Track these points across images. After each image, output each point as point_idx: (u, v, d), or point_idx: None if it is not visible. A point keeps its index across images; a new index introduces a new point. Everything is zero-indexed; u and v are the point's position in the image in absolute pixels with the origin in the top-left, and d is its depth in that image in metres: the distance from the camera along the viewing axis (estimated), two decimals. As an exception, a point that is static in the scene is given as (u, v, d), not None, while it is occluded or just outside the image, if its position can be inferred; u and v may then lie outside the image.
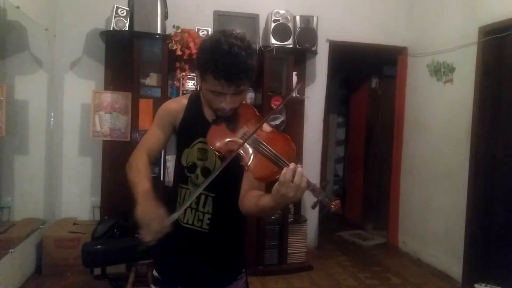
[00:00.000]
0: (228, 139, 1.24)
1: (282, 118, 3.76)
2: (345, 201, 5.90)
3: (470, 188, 3.49)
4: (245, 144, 1.18)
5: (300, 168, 1.05)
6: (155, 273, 1.45)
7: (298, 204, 4.07)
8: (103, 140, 3.64)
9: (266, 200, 1.14)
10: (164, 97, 3.49)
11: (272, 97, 3.73)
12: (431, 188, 4.06)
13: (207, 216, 1.35)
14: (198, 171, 1.35)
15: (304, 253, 3.89)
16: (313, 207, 1.11)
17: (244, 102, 1.30)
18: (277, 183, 1.06)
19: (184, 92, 3.63)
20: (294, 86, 3.83)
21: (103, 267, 3.02)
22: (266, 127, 1.29)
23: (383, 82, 5.29)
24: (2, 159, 2.95)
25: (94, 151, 3.75)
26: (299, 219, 3.97)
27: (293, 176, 1.04)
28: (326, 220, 4.88)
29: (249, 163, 1.16)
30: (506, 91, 3.33)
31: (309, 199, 1.09)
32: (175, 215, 1.16)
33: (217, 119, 1.28)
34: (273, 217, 3.72)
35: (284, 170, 1.05)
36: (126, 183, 1.29)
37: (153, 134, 1.41)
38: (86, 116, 3.73)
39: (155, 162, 1.43)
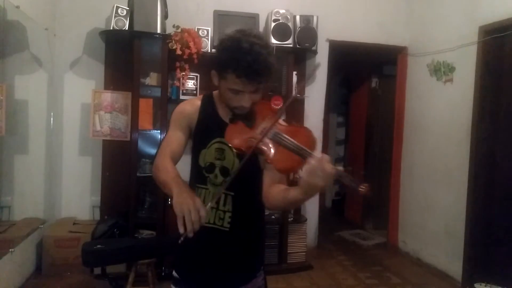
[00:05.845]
0: (247, 136, 1.23)
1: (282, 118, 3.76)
2: (345, 200, 5.90)
3: (470, 188, 3.49)
4: (266, 138, 1.18)
5: (326, 156, 1.03)
6: (174, 273, 1.45)
7: (298, 204, 4.07)
8: (103, 140, 3.64)
9: (295, 193, 1.13)
10: (164, 97, 3.50)
11: (272, 97, 3.73)
12: (431, 188, 4.06)
13: (228, 214, 1.37)
14: (217, 171, 1.37)
15: (304, 253, 3.90)
16: (341, 192, 1.09)
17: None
18: (304, 174, 1.04)
19: (183, 91, 3.65)
20: (294, 86, 3.84)
21: (103, 267, 3.01)
22: (283, 121, 1.31)
23: (383, 81, 5.29)
24: (2, 159, 2.94)
25: (94, 150, 3.75)
26: (299, 219, 3.97)
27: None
28: (326, 220, 4.88)
29: (271, 157, 1.17)
30: (506, 91, 3.32)
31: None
32: (211, 204, 1.16)
33: (234, 118, 1.29)
34: (273, 217, 3.73)
35: (311, 159, 1.04)
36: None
37: (173, 136, 1.40)
38: (86, 116, 3.73)
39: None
